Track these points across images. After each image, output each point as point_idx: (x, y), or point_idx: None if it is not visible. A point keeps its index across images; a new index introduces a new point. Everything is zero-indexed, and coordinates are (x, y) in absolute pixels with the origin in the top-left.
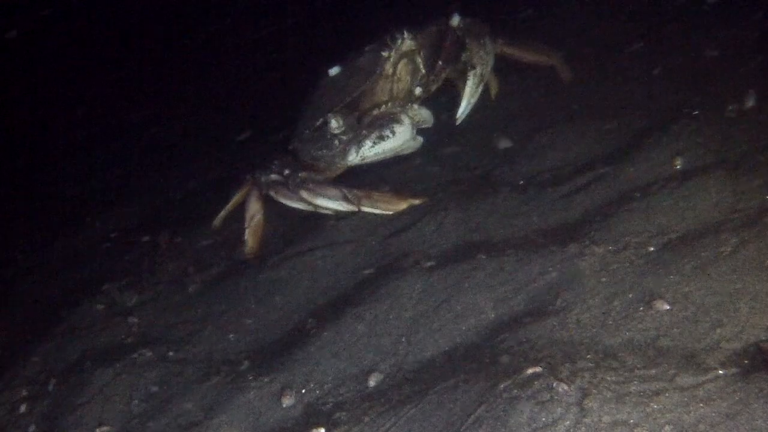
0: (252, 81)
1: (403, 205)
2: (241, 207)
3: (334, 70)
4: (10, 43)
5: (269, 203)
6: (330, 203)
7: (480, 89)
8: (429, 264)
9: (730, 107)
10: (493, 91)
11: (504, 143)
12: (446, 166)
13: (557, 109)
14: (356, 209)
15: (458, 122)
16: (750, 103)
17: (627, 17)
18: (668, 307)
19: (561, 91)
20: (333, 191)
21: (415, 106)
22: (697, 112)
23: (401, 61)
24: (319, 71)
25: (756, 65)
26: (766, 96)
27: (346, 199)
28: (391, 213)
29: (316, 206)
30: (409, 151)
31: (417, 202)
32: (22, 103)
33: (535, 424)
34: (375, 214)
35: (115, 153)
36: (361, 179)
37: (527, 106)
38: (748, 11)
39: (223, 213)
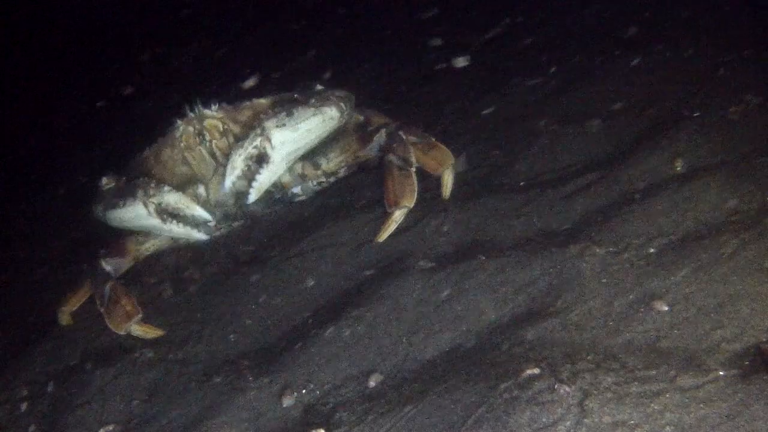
0: None
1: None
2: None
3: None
4: (10, 41)
5: None
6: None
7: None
8: (429, 265)
9: (732, 108)
10: (444, 191)
11: (504, 144)
12: None
13: (558, 111)
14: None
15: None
16: (751, 104)
17: (630, 22)
18: (668, 309)
19: (561, 91)
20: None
21: (166, 188)
22: (697, 114)
23: (207, 133)
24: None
25: (756, 65)
26: (767, 97)
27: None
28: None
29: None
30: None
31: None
32: (22, 100)
33: (535, 425)
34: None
35: (116, 152)
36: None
37: (527, 107)
38: (749, 11)
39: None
